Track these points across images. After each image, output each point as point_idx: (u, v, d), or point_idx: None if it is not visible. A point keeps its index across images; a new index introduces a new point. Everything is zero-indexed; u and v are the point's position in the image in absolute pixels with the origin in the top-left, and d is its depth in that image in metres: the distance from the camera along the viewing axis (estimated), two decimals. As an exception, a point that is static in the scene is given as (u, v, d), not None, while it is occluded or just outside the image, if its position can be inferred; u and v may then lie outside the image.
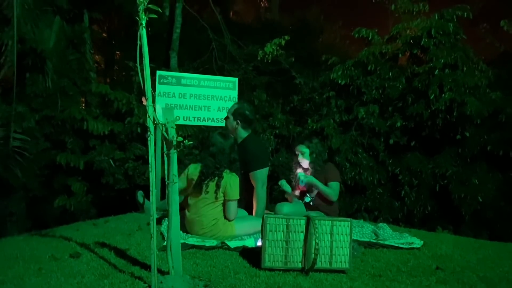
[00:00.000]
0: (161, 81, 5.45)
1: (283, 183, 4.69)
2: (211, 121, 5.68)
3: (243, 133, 4.61)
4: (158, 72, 5.46)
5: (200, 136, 8.59)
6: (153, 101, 2.84)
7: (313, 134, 5.71)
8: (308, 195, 4.45)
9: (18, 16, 7.85)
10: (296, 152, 4.73)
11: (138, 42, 2.75)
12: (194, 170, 3.92)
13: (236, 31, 11.86)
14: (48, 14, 8.67)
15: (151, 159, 2.76)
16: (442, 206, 7.29)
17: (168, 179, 2.83)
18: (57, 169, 8.39)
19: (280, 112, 9.02)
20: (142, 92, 2.90)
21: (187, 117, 5.54)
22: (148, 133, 2.78)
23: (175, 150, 2.83)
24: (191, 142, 2.96)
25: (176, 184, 2.87)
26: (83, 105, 9.84)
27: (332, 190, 4.46)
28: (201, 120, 5.63)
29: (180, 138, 2.86)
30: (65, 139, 8.59)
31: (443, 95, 6.79)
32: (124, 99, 8.09)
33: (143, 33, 2.75)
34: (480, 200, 6.79)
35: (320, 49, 11.85)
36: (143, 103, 3.01)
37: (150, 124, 2.79)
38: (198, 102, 5.61)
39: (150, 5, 2.71)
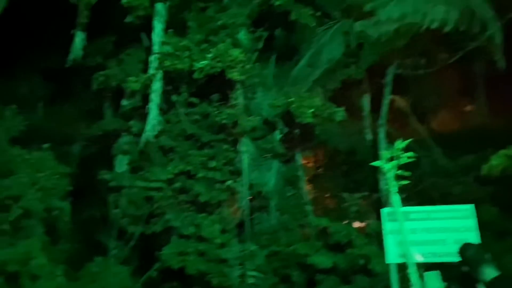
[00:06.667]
0: (389, 218, 5.35)
1: None
2: (448, 256, 5.16)
3: (486, 276, 3.93)
4: (385, 210, 5.41)
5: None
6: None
7: None
8: None
9: (247, 166, 9.17)
10: None
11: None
12: None
13: (442, 142, 11.32)
14: (268, 160, 9.88)
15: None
16: None
17: None
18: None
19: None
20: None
21: (421, 255, 5.19)
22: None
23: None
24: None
25: None
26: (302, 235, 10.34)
27: None
28: (437, 256, 5.18)
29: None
30: (291, 273, 8.98)
31: None
32: (344, 231, 8.23)
33: (396, 199, 2.80)
34: None
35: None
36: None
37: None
38: (430, 236, 5.25)
39: (399, 171, 2.79)
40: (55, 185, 7.53)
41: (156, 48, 8.80)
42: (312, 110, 8.65)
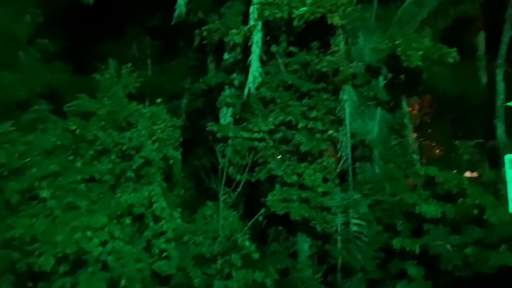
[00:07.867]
0: (512, 165, 4.95)
1: None
2: None
3: None
4: (508, 156, 5.00)
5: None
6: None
7: None
8: None
9: (349, 115, 8.97)
10: None
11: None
12: None
13: None
14: (371, 108, 9.54)
15: None
16: None
17: None
18: (391, 252, 8.64)
19: None
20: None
21: (552, 204, 4.77)
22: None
23: None
24: None
25: None
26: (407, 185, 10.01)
27: None
28: None
29: None
30: (395, 222, 8.85)
31: None
32: (454, 180, 7.81)
33: None
34: None
35: None
36: None
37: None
38: None
39: None
40: (169, 136, 8.12)
41: (255, -2, 8.74)
42: (420, 52, 8.07)
